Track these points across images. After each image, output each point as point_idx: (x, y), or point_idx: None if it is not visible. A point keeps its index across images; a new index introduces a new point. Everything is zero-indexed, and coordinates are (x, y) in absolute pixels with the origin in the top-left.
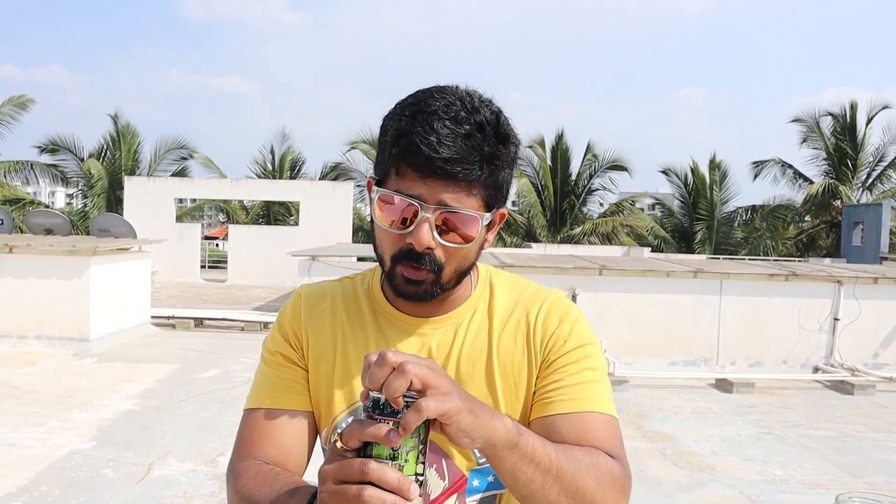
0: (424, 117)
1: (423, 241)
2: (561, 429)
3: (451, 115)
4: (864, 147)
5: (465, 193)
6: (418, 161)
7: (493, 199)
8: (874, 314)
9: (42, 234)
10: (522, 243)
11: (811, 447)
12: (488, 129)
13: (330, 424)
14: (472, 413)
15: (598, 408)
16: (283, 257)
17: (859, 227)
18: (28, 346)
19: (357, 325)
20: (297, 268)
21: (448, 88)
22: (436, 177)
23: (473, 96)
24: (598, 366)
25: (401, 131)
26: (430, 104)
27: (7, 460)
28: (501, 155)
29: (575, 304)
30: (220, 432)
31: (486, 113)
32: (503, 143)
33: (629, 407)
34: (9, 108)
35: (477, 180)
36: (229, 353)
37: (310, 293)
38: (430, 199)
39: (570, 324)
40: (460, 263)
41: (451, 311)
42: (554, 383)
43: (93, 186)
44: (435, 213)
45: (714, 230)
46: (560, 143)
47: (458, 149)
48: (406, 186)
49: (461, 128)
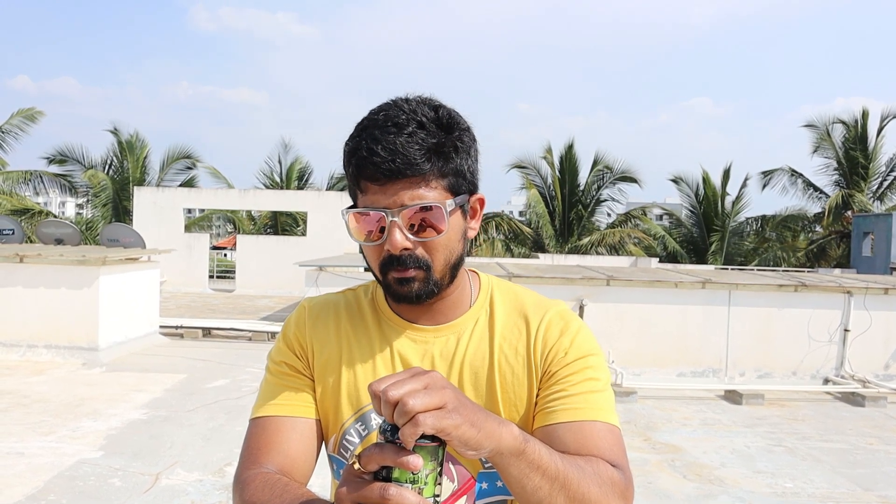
0: (368, 132)
1: (397, 244)
2: (563, 437)
3: (391, 123)
4: (875, 156)
5: (424, 189)
6: (371, 173)
7: (456, 186)
8: (885, 325)
9: (52, 243)
10: (530, 254)
11: (822, 460)
12: (429, 124)
13: (338, 431)
14: (475, 426)
15: (600, 417)
16: (290, 267)
17: (869, 237)
18: (37, 356)
19: (362, 334)
20: (305, 278)
21: (390, 101)
22: (391, 182)
23: (412, 101)
24: (601, 376)
25: (351, 152)
26: (374, 120)
27: (15, 469)
28: (448, 143)
29: (580, 315)
30: (228, 442)
31: (425, 110)
32: (447, 131)
33: (637, 418)
34: (17, 120)
35: (431, 173)
36: (237, 363)
37: (313, 305)
38: (392, 204)
39: (571, 336)
40: (447, 256)
41: (454, 319)
42: (556, 393)
43: (98, 195)
44: (400, 215)
45: (725, 241)
46: (570, 153)
47: (402, 150)
48: (370, 200)
49: (403, 130)
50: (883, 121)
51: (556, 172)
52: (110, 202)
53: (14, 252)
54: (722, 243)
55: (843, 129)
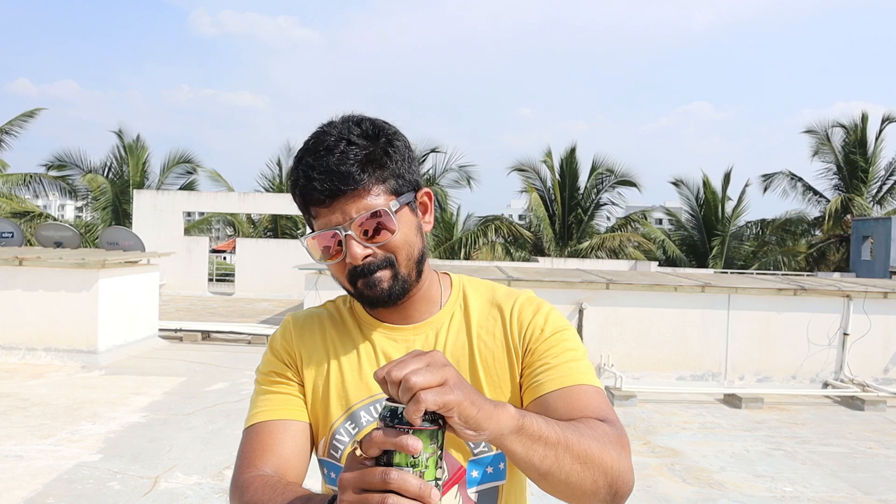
0: (304, 161)
1: (357, 255)
2: (554, 404)
3: (322, 147)
4: (875, 160)
5: (368, 199)
6: (315, 197)
7: (399, 187)
8: (884, 329)
9: (52, 246)
10: (530, 257)
11: (821, 464)
12: (356, 139)
13: (328, 433)
14: (475, 405)
15: (584, 380)
16: (290, 271)
17: (868, 241)
18: (36, 359)
19: (346, 338)
20: (305, 281)
21: (319, 128)
22: (334, 200)
23: (336, 123)
24: (578, 346)
25: (294, 184)
26: (306, 148)
27: (14, 472)
28: (377, 151)
29: (580, 319)
30: (228, 446)
31: (350, 126)
32: (373, 140)
33: (637, 422)
34: (18, 120)
35: (369, 182)
36: (236, 366)
37: (298, 318)
38: (342, 220)
39: (545, 315)
40: (408, 251)
41: (430, 317)
42: (540, 367)
43: (98, 199)
44: (352, 228)
45: (725, 245)
46: (570, 157)
47: (336, 168)
48: (322, 223)
49: (334, 151)
50: (882, 125)
51: (557, 176)
52: (110, 206)
53: (13, 255)
54: (722, 247)
55: (843, 133)
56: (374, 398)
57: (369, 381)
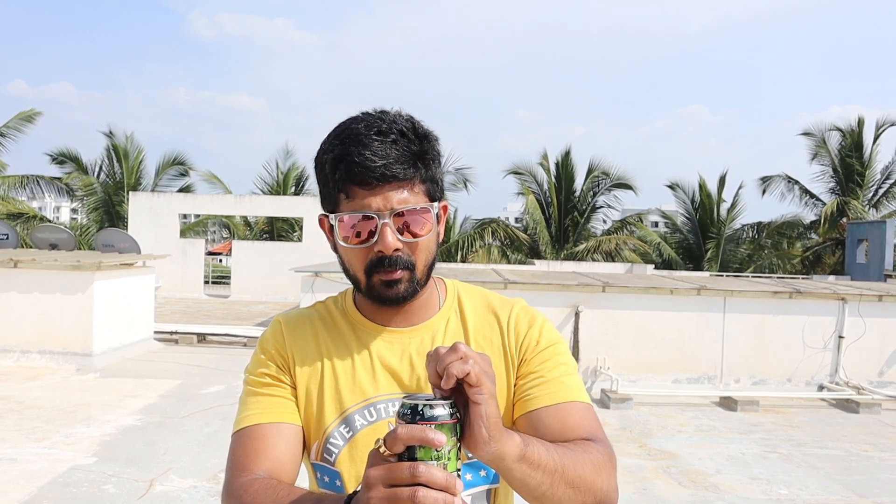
0: (353, 139)
1: (390, 244)
2: (546, 420)
3: (374, 131)
4: (871, 164)
5: (409, 192)
6: (361, 177)
7: (433, 192)
8: (879, 332)
9: (47, 248)
10: (526, 260)
11: (817, 466)
12: (409, 133)
13: (321, 437)
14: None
15: (575, 397)
16: (286, 273)
17: (864, 244)
18: (31, 361)
19: (339, 341)
20: (301, 283)
21: (361, 114)
22: (381, 185)
23: (385, 112)
24: (569, 361)
25: (338, 158)
26: (354, 129)
27: (9, 475)
28: (428, 151)
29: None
30: (223, 448)
31: (402, 120)
32: (425, 140)
33: (633, 425)
34: (15, 122)
35: (415, 177)
36: (232, 369)
37: (289, 319)
38: (384, 206)
39: (539, 327)
40: (427, 257)
41: (426, 320)
42: (533, 380)
43: (90, 197)
44: (392, 217)
45: (721, 248)
46: (566, 160)
47: (391, 155)
48: (358, 205)
49: (387, 138)
50: (878, 129)
51: (553, 179)
52: (101, 207)
53: (8, 257)
54: (718, 250)
55: (840, 136)
56: (369, 402)
57: (363, 384)
